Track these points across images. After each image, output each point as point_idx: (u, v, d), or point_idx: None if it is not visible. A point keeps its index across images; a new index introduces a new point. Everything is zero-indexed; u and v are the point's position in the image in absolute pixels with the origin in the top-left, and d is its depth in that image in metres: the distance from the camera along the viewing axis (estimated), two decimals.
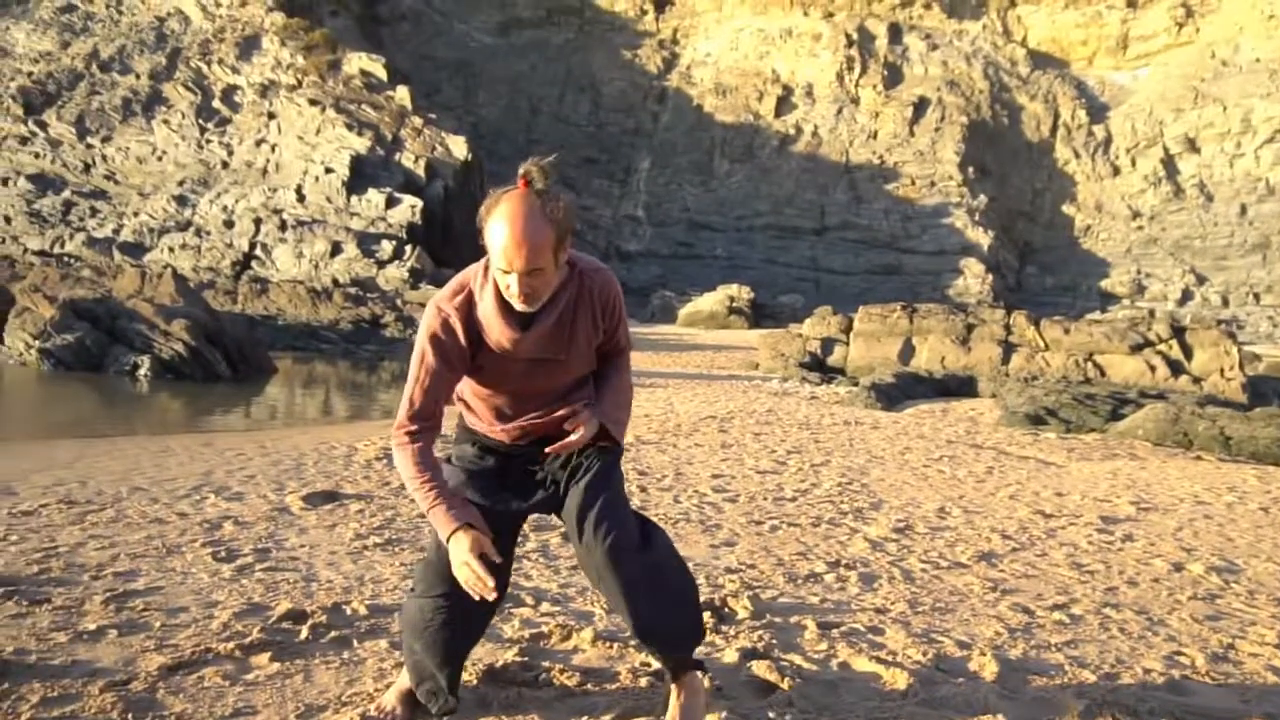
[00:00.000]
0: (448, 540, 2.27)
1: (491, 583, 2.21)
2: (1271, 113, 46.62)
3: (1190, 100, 49.17)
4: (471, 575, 2.23)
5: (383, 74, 46.96)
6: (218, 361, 13.99)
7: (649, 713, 2.74)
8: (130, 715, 2.52)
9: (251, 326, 19.27)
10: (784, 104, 54.58)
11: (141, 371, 13.48)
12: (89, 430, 8.88)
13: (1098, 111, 52.20)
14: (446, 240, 39.34)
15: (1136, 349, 16.75)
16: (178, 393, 12.72)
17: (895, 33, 55.01)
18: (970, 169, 49.22)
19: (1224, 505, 7.19)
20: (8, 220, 42.02)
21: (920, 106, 51.80)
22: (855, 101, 53.17)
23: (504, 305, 2.25)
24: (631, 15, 61.38)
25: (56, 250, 39.72)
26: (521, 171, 2.16)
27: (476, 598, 2.26)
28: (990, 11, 55.19)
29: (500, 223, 2.11)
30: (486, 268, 2.29)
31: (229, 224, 39.78)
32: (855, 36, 54.48)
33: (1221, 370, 16.26)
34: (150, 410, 11.63)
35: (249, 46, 49.25)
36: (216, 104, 46.99)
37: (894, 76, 53.79)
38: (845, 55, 53.96)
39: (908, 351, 17.87)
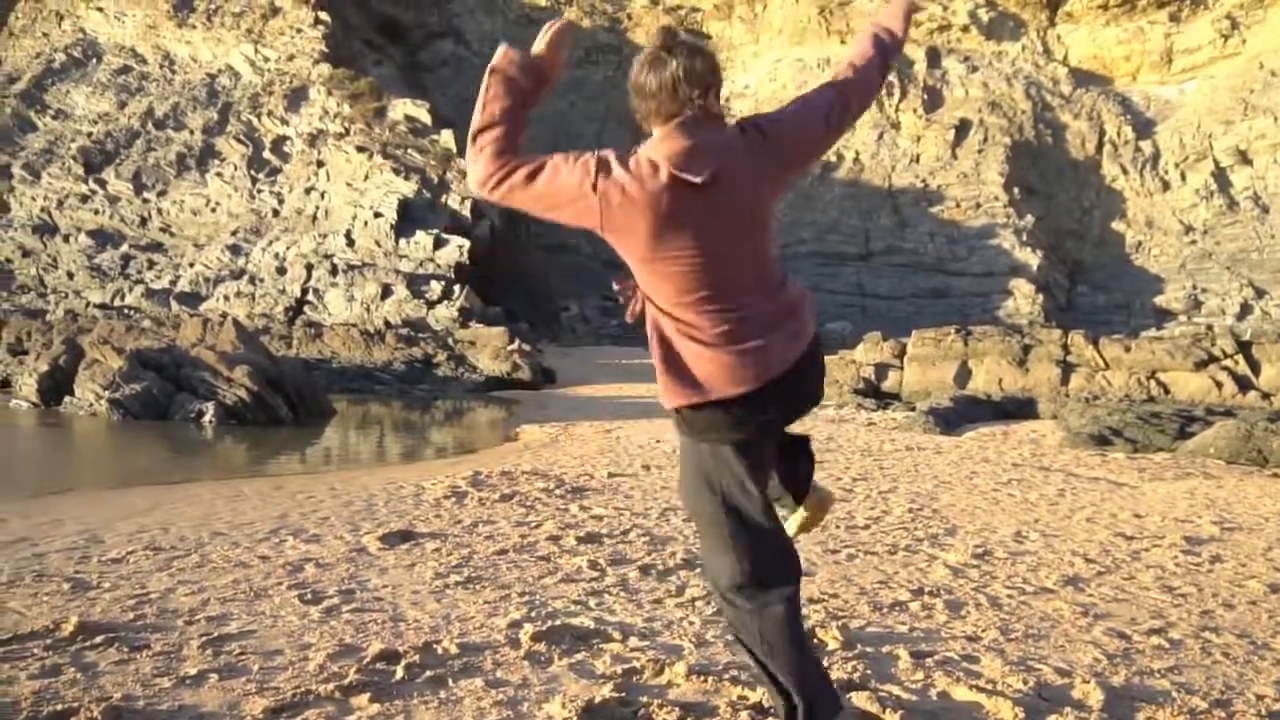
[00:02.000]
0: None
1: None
2: None
3: (1240, 112, 48.28)
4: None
5: (427, 119, 47.84)
6: (279, 406, 14.25)
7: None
8: None
9: (308, 370, 19.60)
10: None
11: (207, 418, 13.76)
12: (161, 477, 9.07)
13: (1144, 127, 51.45)
14: (493, 279, 39.78)
15: (1201, 365, 16.36)
16: (242, 437, 12.95)
17: (934, 57, 54.86)
18: (1016, 189, 48.71)
19: None
20: (70, 275, 43.28)
21: (962, 129, 51.47)
22: (896, 126, 53.02)
23: None
24: None
25: (117, 303, 40.78)
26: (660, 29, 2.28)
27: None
28: (1030, 32, 54.84)
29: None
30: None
31: (281, 270, 40.60)
32: (893, 62, 54.39)
33: None
34: (217, 455, 11.85)
35: (297, 98, 50.50)
36: (267, 154, 48.17)
37: (934, 100, 53.59)
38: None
39: (964, 374, 17.64)
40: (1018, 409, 15.89)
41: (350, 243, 40.91)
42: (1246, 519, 7.08)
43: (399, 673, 3.22)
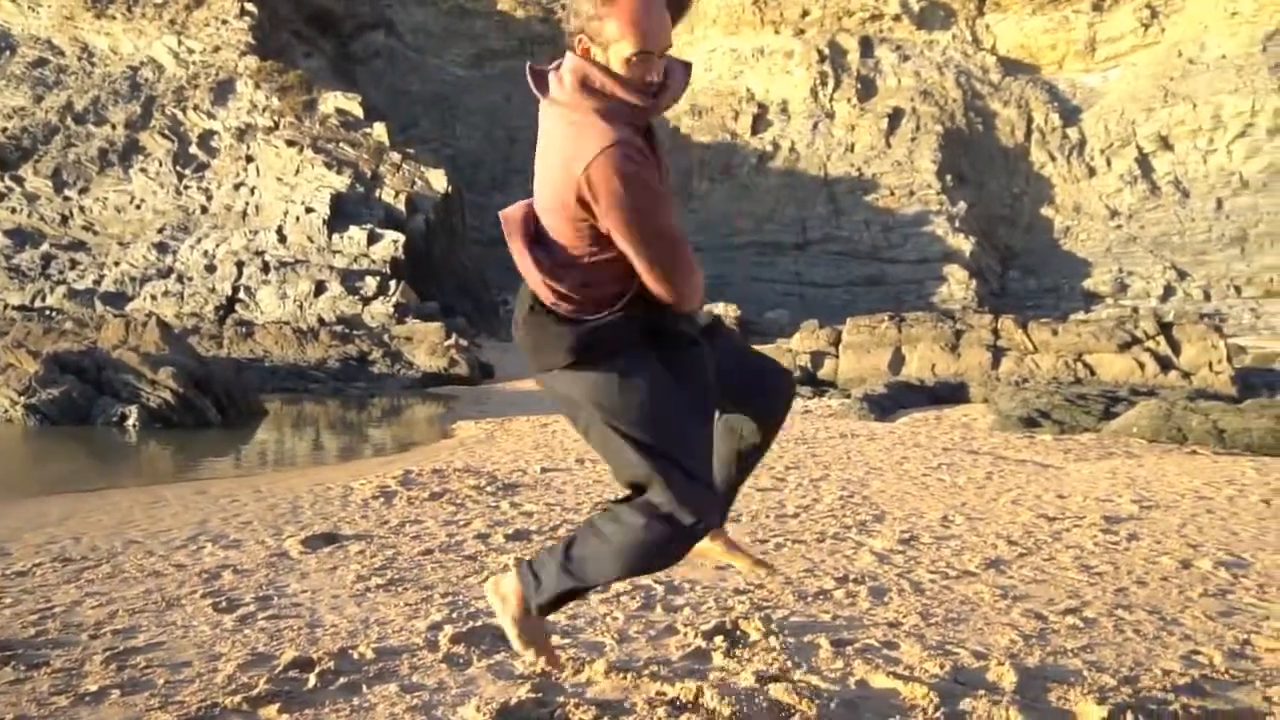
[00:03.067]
0: None
1: None
2: (1241, 107, 47.17)
3: (1160, 99, 49.73)
4: None
5: (359, 112, 47.07)
6: (207, 408, 13.89)
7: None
8: None
9: (239, 370, 19.18)
10: (760, 121, 54.97)
11: (130, 422, 13.35)
12: (80, 485, 8.77)
13: (1070, 114, 52.72)
14: (430, 273, 39.33)
15: (1125, 347, 16.82)
16: (168, 441, 12.60)
17: (867, 46, 55.52)
18: (948, 177, 49.58)
19: (1225, 499, 7.19)
20: None
21: (895, 117, 52.21)
22: (830, 116, 53.57)
23: None
24: None
25: (38, 304, 39.48)
26: None
27: None
28: (959, 21, 55.78)
29: (642, 5, 1.99)
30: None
31: (211, 269, 39.66)
32: (827, 52, 54.97)
33: (1210, 364, 16.34)
34: (140, 461, 11.51)
35: (224, 91, 49.29)
36: (194, 150, 46.96)
37: (868, 89, 54.23)
38: (818, 71, 54.44)
39: (898, 361, 17.90)
40: (950, 394, 16.18)
41: (282, 239, 40.11)
42: (1164, 496, 7.29)
43: (311, 681, 3.14)
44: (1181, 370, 16.39)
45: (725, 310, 36.65)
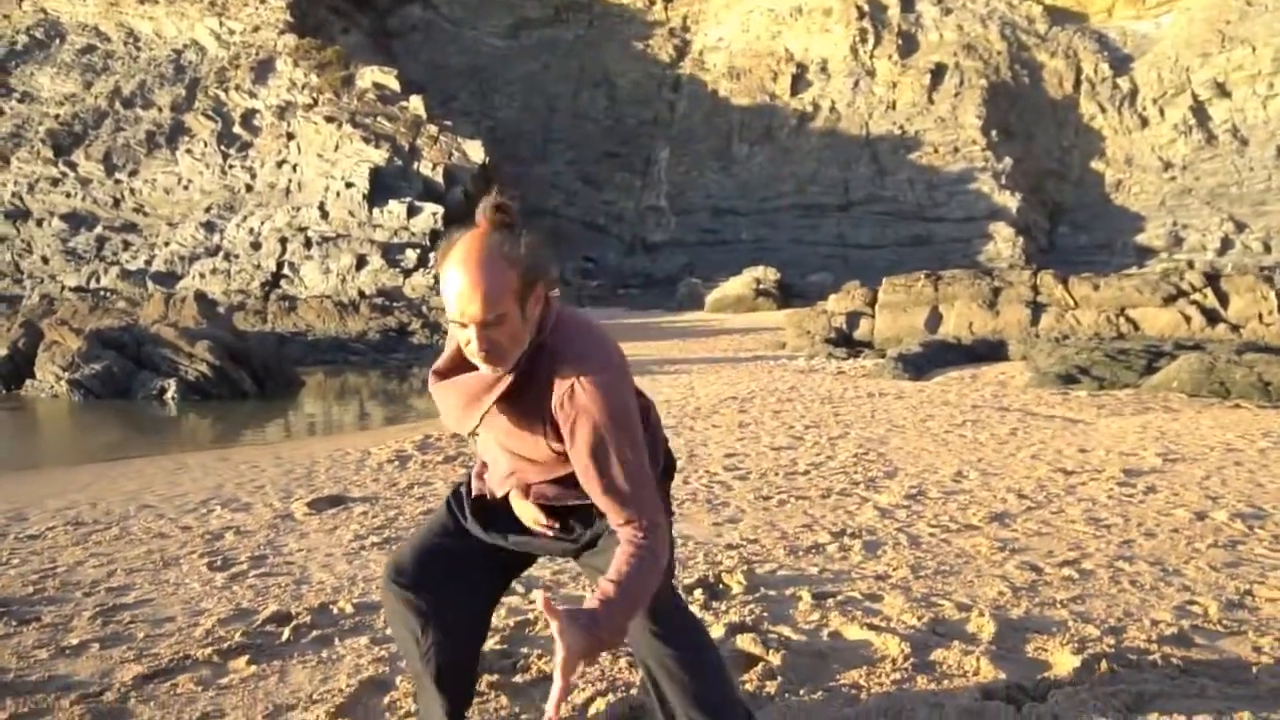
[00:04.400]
0: None
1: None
2: None
3: (1217, 44, 47.92)
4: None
5: (396, 85, 47.20)
6: (243, 379, 14.14)
7: (625, 692, 2.69)
8: None
9: (280, 344, 19.48)
10: (799, 82, 54.04)
11: (169, 395, 13.65)
12: (115, 455, 9.00)
13: (1121, 63, 51.03)
14: None
15: (1170, 300, 16.35)
16: (205, 413, 12.87)
17: (907, 1, 54.22)
18: (994, 132, 48.37)
19: (1257, 451, 6.97)
20: (45, 260, 42.87)
21: (938, 73, 50.97)
22: (871, 74, 52.47)
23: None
24: (640, 6, 61.10)
25: (92, 285, 40.45)
26: (480, 209, 1.82)
27: None
28: None
29: (453, 268, 1.76)
30: None
31: (256, 246, 40.25)
32: (866, 8, 53.79)
33: (1260, 315, 15.82)
34: (176, 431, 11.78)
35: (264, 70, 49.74)
36: (237, 129, 47.53)
37: (909, 45, 53.01)
38: (858, 28, 53.31)
39: (935, 320, 17.61)
40: (989, 352, 15.87)
41: (324, 215, 40.56)
42: (1192, 450, 7.09)
43: (285, 634, 3.19)
44: (1230, 323, 15.89)
45: (765, 274, 36.29)
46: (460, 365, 1.95)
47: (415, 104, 45.03)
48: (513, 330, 1.79)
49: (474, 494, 2.19)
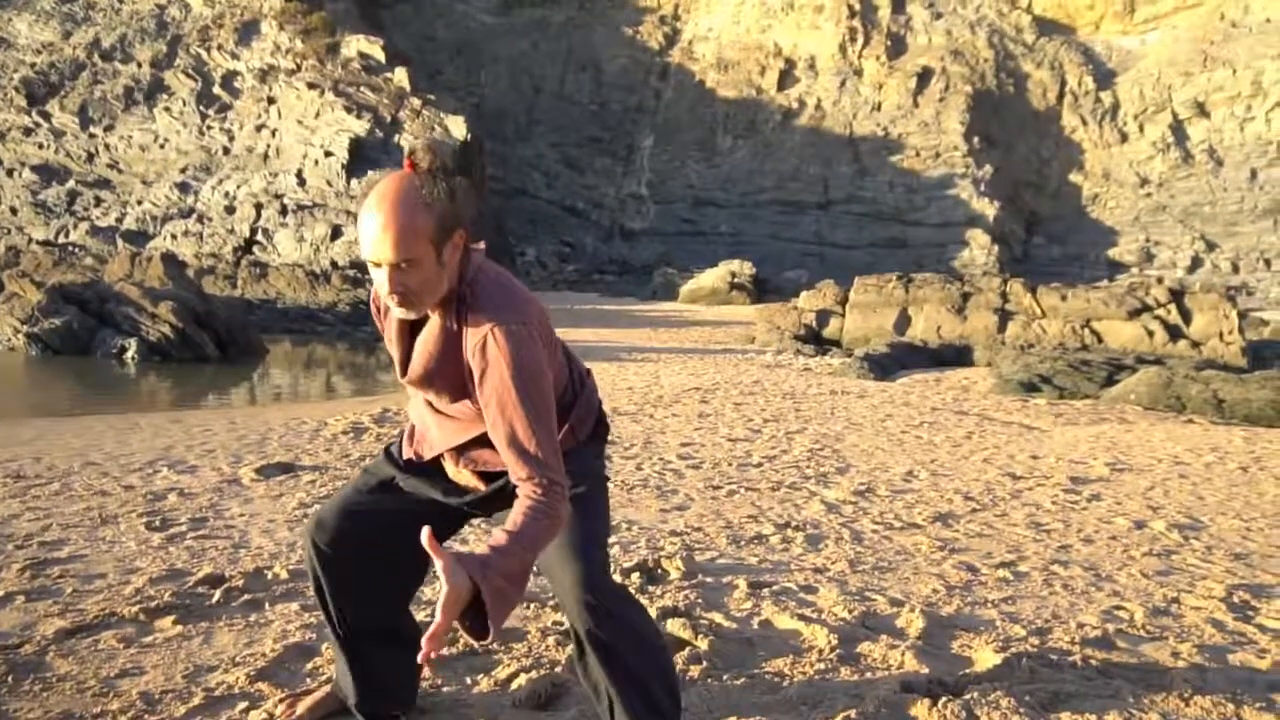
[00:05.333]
0: None
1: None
2: None
3: (1199, 64, 48.43)
4: None
5: (381, 56, 46.69)
6: (206, 343, 13.98)
7: (550, 669, 2.70)
8: (11, 678, 2.48)
9: (248, 310, 19.28)
10: (786, 77, 54.04)
11: (129, 354, 13.48)
12: (67, 411, 8.88)
13: (1105, 78, 51.46)
14: None
15: (1134, 314, 16.56)
16: (164, 374, 12.72)
17: (898, 2, 54.30)
18: (975, 139, 48.65)
19: (1202, 465, 7.09)
20: (14, 211, 42.11)
21: (924, 77, 51.16)
22: (858, 73, 52.58)
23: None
24: None
25: (61, 240, 39.82)
26: (407, 151, 1.83)
27: None
28: None
29: (369, 208, 1.75)
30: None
31: (230, 210, 39.76)
32: (858, 7, 53.82)
33: (1221, 334, 16.06)
34: (133, 391, 11.63)
35: (248, 32, 49.03)
36: (217, 90, 46.84)
37: (897, 47, 53.15)
38: (848, 27, 53.36)
39: (903, 322, 17.73)
40: (955, 356, 16.03)
41: (301, 182, 40.13)
42: (1140, 461, 7.19)
43: (216, 596, 3.17)
44: (1191, 340, 16.13)
45: (741, 268, 36.34)
46: (406, 351, 1.96)
47: (400, 76, 44.60)
48: (426, 276, 1.78)
49: (404, 458, 2.19)
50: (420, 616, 3.00)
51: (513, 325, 1.83)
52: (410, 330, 1.94)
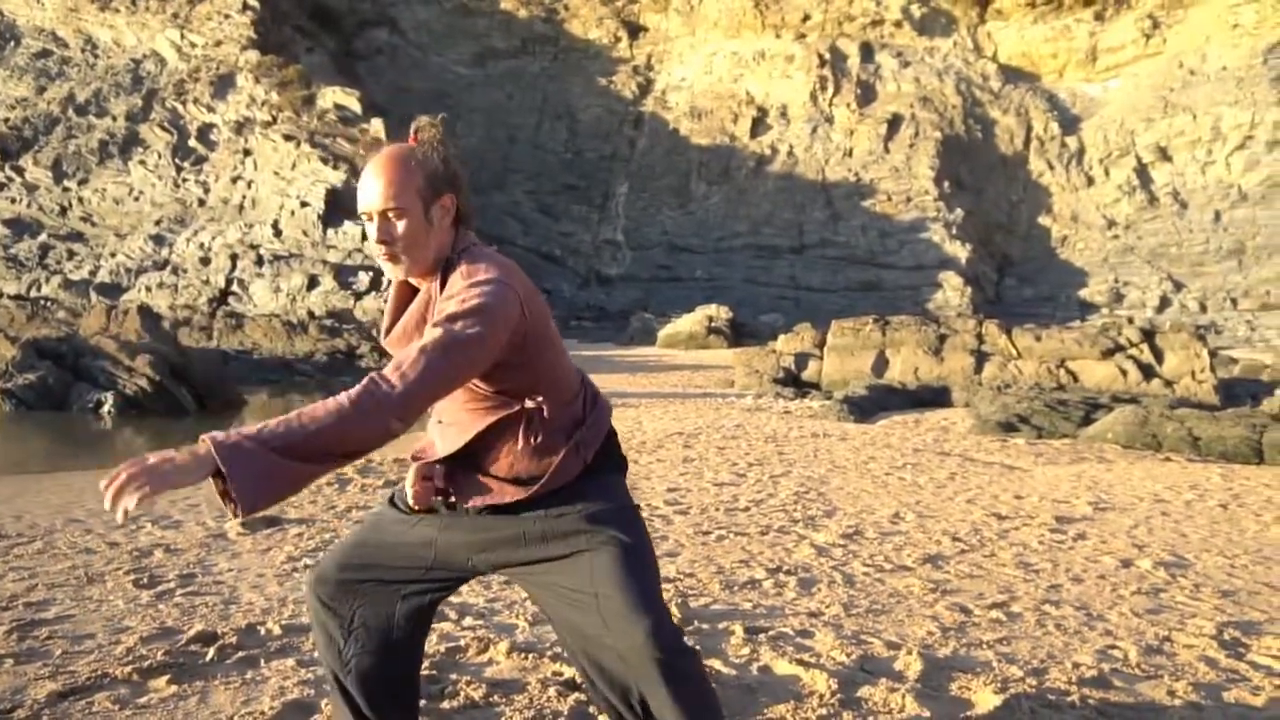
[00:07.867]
0: None
1: None
2: (1240, 119, 47.09)
3: (1160, 110, 49.68)
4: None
5: (357, 107, 47.04)
6: (183, 396, 13.86)
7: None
8: None
9: (225, 361, 19.13)
10: (759, 125, 54.90)
11: (105, 408, 13.33)
12: (44, 467, 8.76)
13: (1070, 123, 52.65)
14: None
15: (1108, 354, 16.78)
16: (142, 428, 12.58)
17: (867, 52, 55.48)
18: (946, 183, 49.52)
19: (1183, 503, 7.16)
20: None
21: (894, 123, 52.15)
22: (829, 120, 53.51)
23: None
24: (606, 42, 61.77)
25: (33, 294, 39.48)
26: (413, 127, 1.96)
27: None
28: (960, 28, 55.78)
29: (367, 167, 1.91)
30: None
31: (205, 261, 39.65)
32: (828, 56, 54.93)
33: (1193, 373, 16.30)
34: (111, 446, 11.49)
35: (224, 85, 49.27)
36: (193, 143, 46.94)
37: (867, 95, 54.19)
38: (818, 75, 54.39)
39: (881, 364, 17.87)
40: (933, 398, 16.14)
41: (277, 233, 40.12)
42: (1122, 499, 7.26)
43: (210, 654, 3.13)
44: (1164, 378, 16.35)
45: (718, 312, 36.57)
46: (395, 318, 1.99)
47: (376, 126, 44.89)
48: (413, 230, 1.86)
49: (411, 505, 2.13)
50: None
51: (488, 273, 1.82)
52: (408, 301, 1.99)
